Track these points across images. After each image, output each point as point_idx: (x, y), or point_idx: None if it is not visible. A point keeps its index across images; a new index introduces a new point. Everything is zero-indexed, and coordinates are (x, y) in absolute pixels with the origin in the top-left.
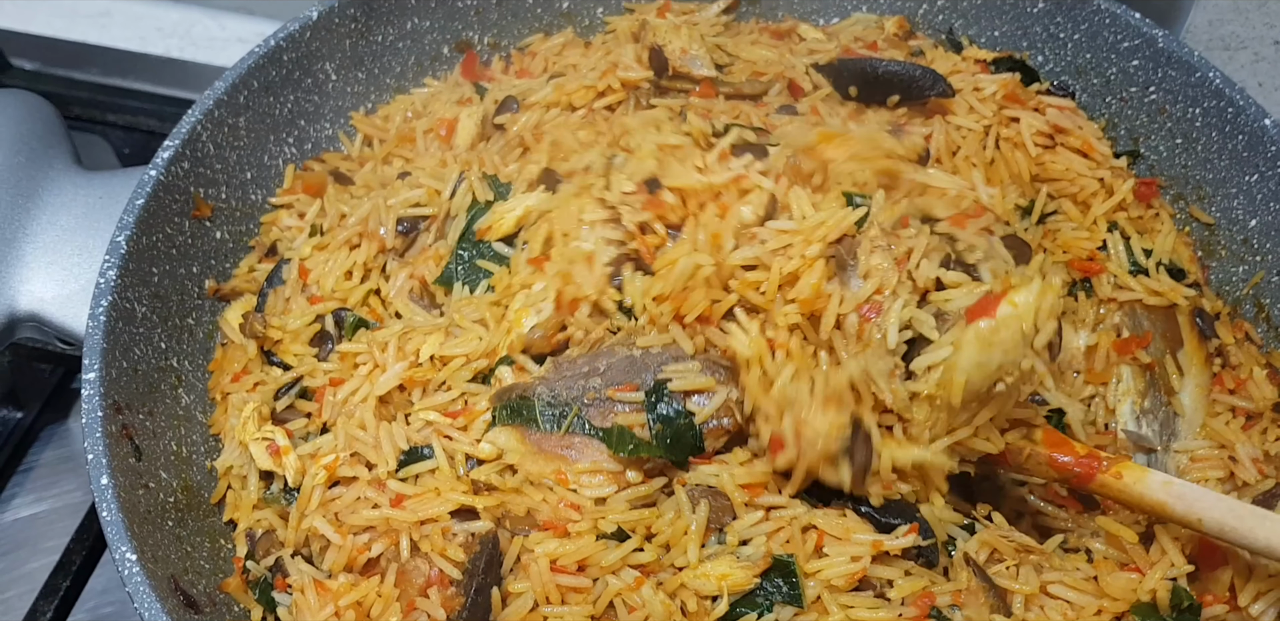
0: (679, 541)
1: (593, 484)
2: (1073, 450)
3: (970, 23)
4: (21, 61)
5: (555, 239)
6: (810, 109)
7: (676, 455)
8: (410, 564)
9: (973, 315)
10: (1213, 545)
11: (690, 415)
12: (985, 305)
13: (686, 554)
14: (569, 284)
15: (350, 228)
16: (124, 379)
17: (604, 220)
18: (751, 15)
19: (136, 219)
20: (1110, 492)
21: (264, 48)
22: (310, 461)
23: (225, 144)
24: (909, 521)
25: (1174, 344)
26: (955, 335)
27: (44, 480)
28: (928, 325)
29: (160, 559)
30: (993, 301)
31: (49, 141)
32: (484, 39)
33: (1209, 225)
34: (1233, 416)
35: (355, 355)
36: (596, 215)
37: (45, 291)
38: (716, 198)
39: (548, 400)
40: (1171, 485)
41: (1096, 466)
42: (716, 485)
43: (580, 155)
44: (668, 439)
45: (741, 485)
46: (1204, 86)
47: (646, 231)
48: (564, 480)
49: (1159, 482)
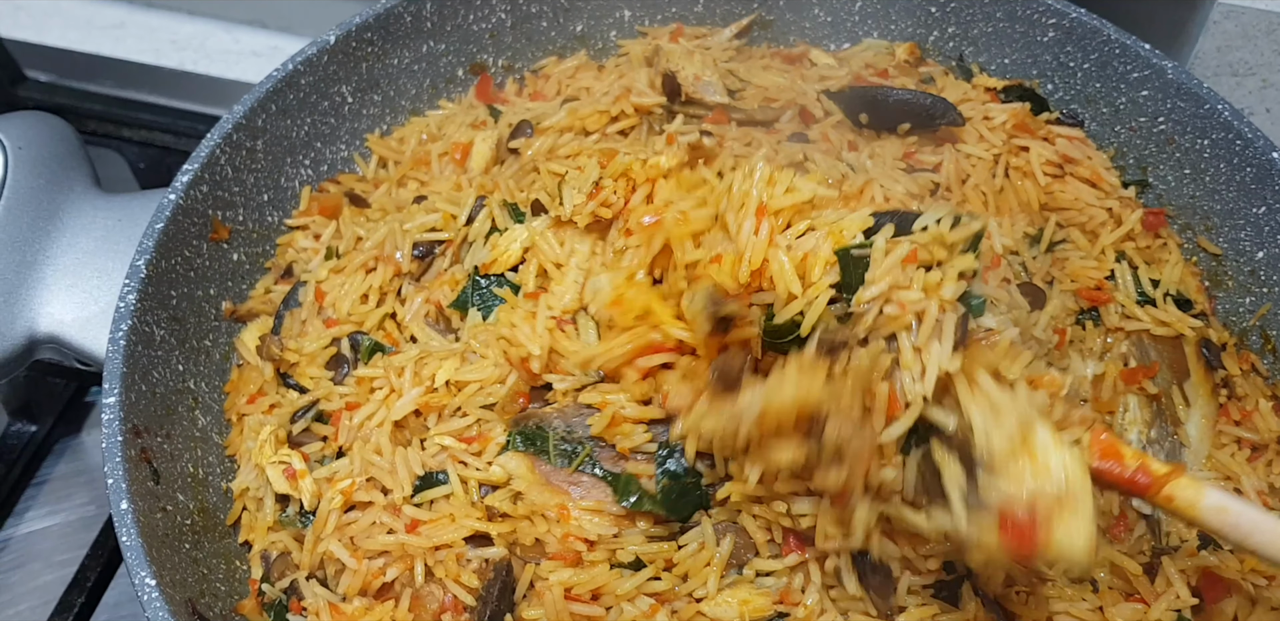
0: (699, 572)
1: (593, 523)
2: (1123, 463)
3: (981, 50)
4: (37, 73)
5: (550, 272)
6: (821, 136)
7: (678, 513)
8: (425, 589)
9: (1008, 535)
10: (1217, 577)
11: (699, 475)
12: (1020, 533)
13: (706, 585)
14: (513, 345)
15: (366, 251)
16: (143, 402)
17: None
18: (763, 40)
19: (156, 243)
20: (1164, 508)
21: (282, 72)
22: (326, 485)
23: (243, 167)
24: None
25: (1180, 374)
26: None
27: (58, 493)
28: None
29: (178, 582)
30: (1029, 529)
31: (69, 164)
32: (498, 61)
33: (1216, 256)
34: (1238, 448)
35: (372, 380)
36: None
37: (65, 314)
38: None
39: (562, 434)
40: (1226, 513)
41: (1144, 487)
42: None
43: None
44: (672, 495)
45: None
46: (1213, 118)
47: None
48: (565, 515)
49: (1214, 509)
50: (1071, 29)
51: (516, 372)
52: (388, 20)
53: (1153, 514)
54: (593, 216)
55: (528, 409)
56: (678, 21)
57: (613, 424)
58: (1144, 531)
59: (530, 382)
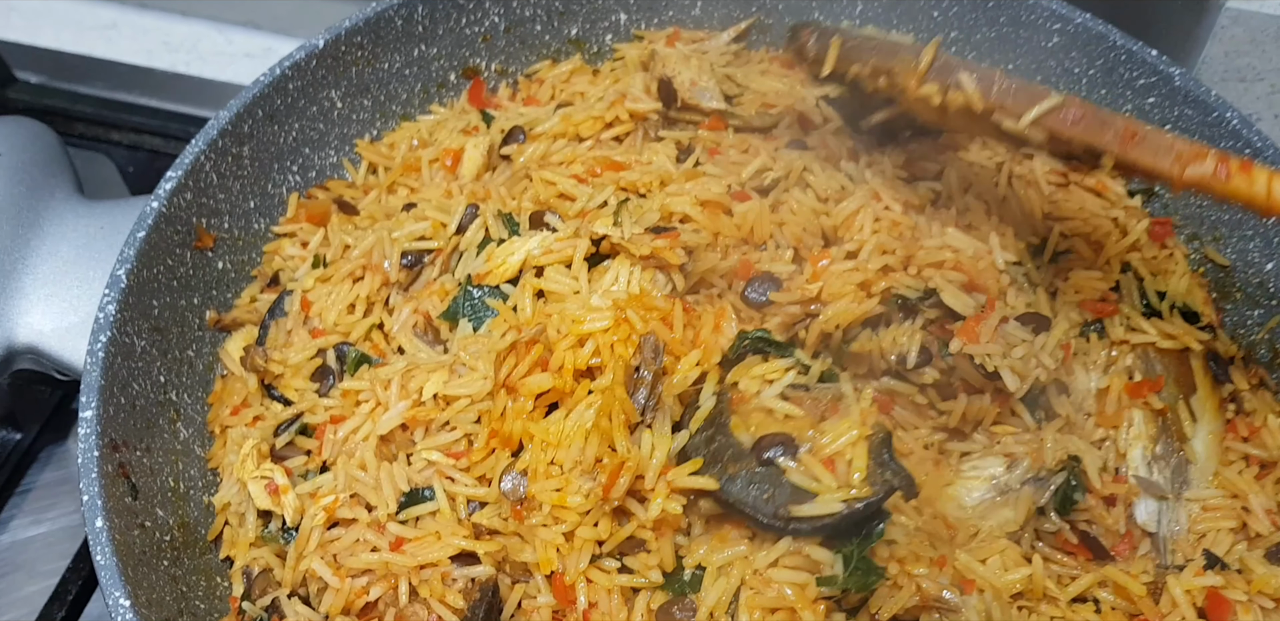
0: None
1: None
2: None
3: (984, 56)
4: (27, 75)
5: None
6: (820, 143)
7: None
8: (409, 609)
9: None
10: (1223, 599)
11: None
12: None
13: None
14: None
15: (354, 260)
16: (122, 415)
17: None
18: (762, 44)
19: (138, 252)
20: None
21: (269, 77)
22: (309, 501)
23: (229, 173)
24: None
25: (1187, 389)
26: None
27: (42, 502)
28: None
29: (155, 602)
30: None
31: (50, 170)
32: (491, 66)
33: (1224, 267)
34: (1246, 465)
35: (357, 392)
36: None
37: (44, 324)
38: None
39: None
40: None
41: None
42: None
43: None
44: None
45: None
46: (1221, 126)
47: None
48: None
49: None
50: (1076, 34)
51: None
52: (378, 24)
53: (1158, 531)
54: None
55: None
56: (675, 25)
57: None
58: (1148, 549)
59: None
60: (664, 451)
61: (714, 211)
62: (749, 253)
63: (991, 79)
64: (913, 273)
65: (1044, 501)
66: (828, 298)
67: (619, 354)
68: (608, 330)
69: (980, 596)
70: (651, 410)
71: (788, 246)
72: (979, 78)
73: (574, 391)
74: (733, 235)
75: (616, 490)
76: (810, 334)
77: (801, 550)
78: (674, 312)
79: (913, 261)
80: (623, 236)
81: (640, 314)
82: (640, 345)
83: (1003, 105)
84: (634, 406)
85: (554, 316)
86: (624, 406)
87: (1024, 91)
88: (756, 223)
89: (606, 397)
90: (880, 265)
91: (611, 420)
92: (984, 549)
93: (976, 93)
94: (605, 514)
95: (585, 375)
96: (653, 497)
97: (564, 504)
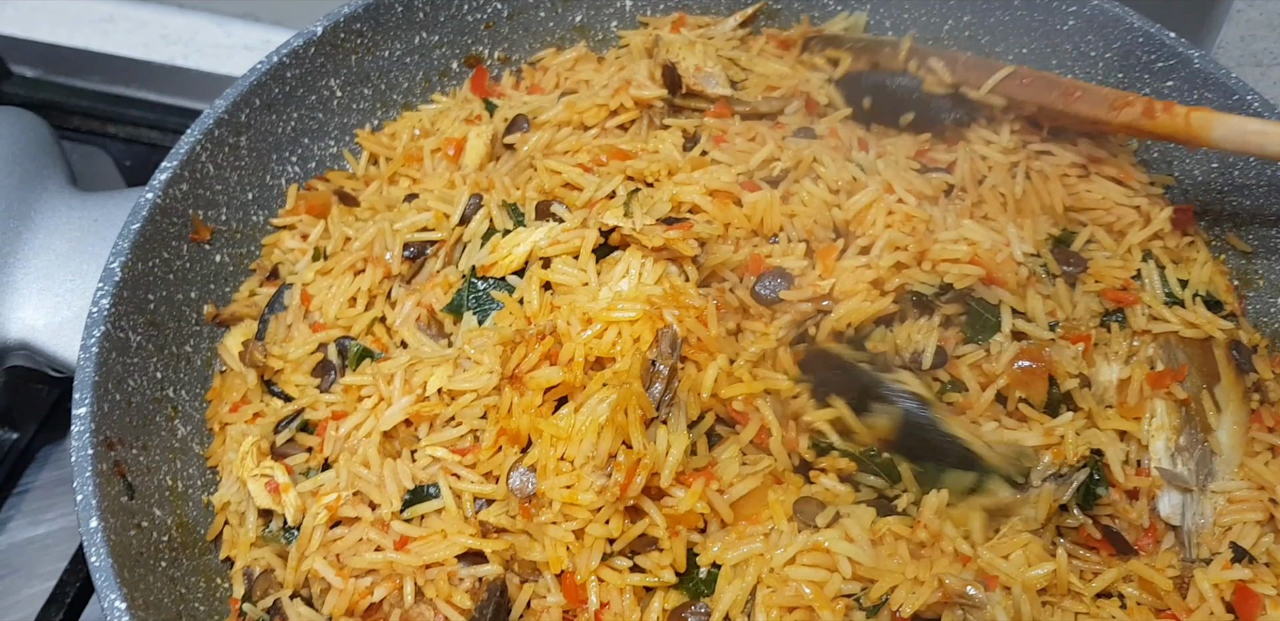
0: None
1: None
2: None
3: (998, 39)
4: (23, 69)
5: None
6: (830, 132)
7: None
8: (414, 610)
9: None
10: (1251, 592)
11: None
12: None
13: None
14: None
15: (355, 252)
16: (117, 412)
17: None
18: (769, 28)
19: (132, 244)
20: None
21: (267, 64)
22: (311, 500)
23: (226, 164)
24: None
25: (1210, 378)
26: None
27: (40, 502)
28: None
29: (153, 604)
30: None
31: (43, 161)
32: (494, 54)
33: (1246, 254)
34: (1272, 456)
35: (359, 388)
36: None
37: (37, 319)
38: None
39: None
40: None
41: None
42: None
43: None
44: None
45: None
46: (1242, 110)
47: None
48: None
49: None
50: (1093, 17)
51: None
52: (378, 10)
53: (1182, 525)
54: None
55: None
56: (680, 11)
57: None
58: (1173, 543)
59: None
60: (680, 449)
61: (724, 201)
62: (759, 245)
63: (956, 60)
64: (927, 268)
65: (1066, 498)
66: (840, 295)
67: (639, 345)
68: (634, 321)
69: (1007, 592)
70: (667, 405)
71: (799, 239)
72: (945, 60)
73: (584, 385)
74: (743, 226)
75: (634, 488)
76: (821, 331)
77: (820, 545)
78: (708, 310)
79: (927, 255)
80: (634, 228)
81: (674, 311)
82: (658, 337)
83: (966, 79)
84: (650, 401)
85: (563, 308)
86: (640, 401)
87: (982, 65)
88: (767, 213)
89: (623, 392)
90: (893, 262)
91: (628, 415)
92: (1006, 544)
93: (945, 71)
94: (617, 511)
95: (596, 367)
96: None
97: (574, 501)
